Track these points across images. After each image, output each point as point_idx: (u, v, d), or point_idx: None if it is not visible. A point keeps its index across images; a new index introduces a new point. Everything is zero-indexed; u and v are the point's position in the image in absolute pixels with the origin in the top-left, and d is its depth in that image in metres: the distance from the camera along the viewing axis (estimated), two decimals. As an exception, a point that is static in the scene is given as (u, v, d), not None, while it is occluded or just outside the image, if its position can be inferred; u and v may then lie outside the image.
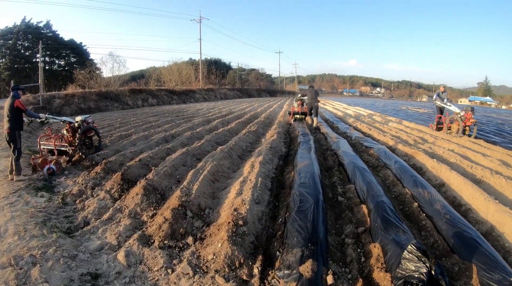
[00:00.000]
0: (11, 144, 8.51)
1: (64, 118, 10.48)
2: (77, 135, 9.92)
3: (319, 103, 19.39)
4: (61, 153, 10.00)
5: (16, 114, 8.49)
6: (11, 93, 8.62)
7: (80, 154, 9.98)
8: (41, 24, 62.25)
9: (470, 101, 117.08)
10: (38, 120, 9.37)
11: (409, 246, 3.85)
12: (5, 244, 4.86)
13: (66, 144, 10.12)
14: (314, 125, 17.87)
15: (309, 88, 19.75)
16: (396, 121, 21.74)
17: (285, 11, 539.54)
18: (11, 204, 6.58)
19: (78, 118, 10.38)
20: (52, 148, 9.73)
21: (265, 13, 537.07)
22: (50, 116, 9.67)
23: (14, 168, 8.37)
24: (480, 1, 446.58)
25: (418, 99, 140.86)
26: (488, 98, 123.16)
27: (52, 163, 9.00)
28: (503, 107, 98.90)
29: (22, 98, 8.74)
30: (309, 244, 4.40)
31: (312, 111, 18.61)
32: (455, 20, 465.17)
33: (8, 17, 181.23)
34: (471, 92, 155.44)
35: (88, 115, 10.96)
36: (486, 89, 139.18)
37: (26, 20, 60.79)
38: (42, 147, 9.85)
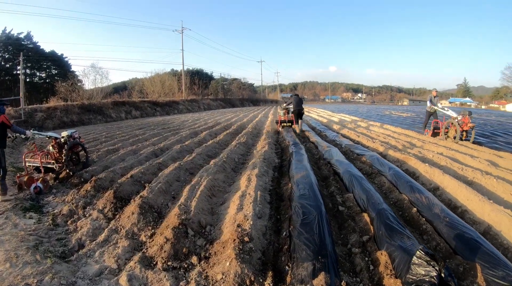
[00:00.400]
0: None
1: (49, 133, 10.18)
2: (64, 151, 9.60)
3: (304, 111, 20.83)
4: (47, 170, 9.55)
5: (0, 130, 8.24)
6: None
7: (68, 170, 9.67)
8: (21, 36, 62.08)
9: (450, 102, 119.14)
10: (23, 136, 9.03)
11: (418, 252, 3.94)
12: (-4, 273, 4.63)
13: (52, 161, 9.69)
14: (299, 129, 19.52)
15: (294, 96, 20.79)
16: (382, 127, 21.93)
17: (266, 20, 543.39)
18: None
19: (64, 133, 10.05)
20: (38, 165, 9.32)
21: (245, 22, 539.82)
22: (36, 131, 9.46)
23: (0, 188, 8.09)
24: (455, 4, 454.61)
25: (399, 103, 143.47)
26: (467, 99, 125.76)
27: (39, 181, 8.69)
28: (483, 107, 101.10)
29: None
30: (319, 257, 4.36)
31: (297, 118, 19.88)
32: (431, 23, 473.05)
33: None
34: (450, 94, 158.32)
35: (74, 130, 10.65)
36: (465, 90, 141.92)
37: (7, 31, 60.27)
38: (27, 164, 9.49)
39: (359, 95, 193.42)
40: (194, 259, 4.91)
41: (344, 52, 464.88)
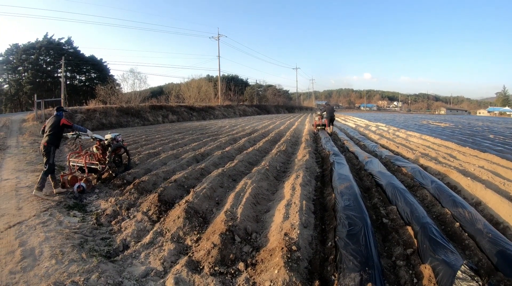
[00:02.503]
0: (44, 156, 8.67)
1: (95, 135, 10.34)
2: (107, 153, 9.84)
3: (335, 117, 26.48)
4: (90, 170, 9.82)
5: (57, 131, 8.87)
6: (55, 113, 9.09)
7: (110, 172, 9.97)
8: (62, 41, 64.60)
9: (489, 112, 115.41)
10: (71, 135, 9.57)
11: (462, 266, 4.00)
12: (42, 269, 4.77)
13: (96, 162, 10.04)
14: (330, 131, 24.29)
15: (327, 106, 27.12)
16: (421, 138, 21.41)
17: (300, 26, 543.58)
18: (43, 223, 6.51)
19: (108, 136, 10.30)
20: (82, 165, 9.61)
21: (280, 29, 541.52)
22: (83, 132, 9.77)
23: (38, 181, 8.45)
24: (493, 10, 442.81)
25: (436, 112, 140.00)
26: (507, 108, 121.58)
27: (82, 181, 9.02)
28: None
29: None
30: (366, 268, 4.40)
31: (330, 123, 24.65)
32: (469, 30, 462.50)
33: (31, 33, 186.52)
34: (489, 103, 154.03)
35: (117, 133, 10.85)
36: (504, 99, 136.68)
37: (48, 36, 62.85)
38: (71, 164, 9.79)
39: (395, 103, 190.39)
40: (241, 266, 4.93)
41: (378, 58, 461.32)
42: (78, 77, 67.79)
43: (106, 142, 10.22)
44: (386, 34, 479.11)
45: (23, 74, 61.10)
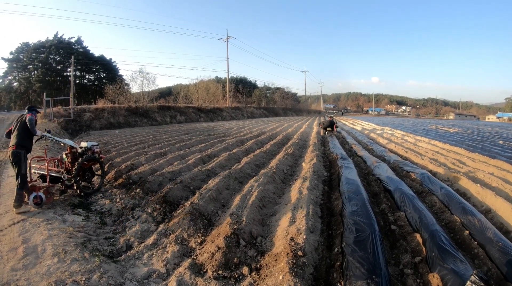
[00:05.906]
0: (14, 166, 7.32)
1: (65, 140, 8.93)
2: (76, 164, 8.35)
3: (335, 125, 28.88)
4: (53, 180, 8.32)
5: (27, 131, 7.53)
6: (26, 111, 7.74)
7: (75, 187, 8.35)
8: (72, 40, 65.20)
9: (498, 117, 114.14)
10: (35, 135, 7.86)
11: (472, 276, 3.91)
12: (44, 267, 4.76)
13: (62, 170, 8.55)
14: (335, 133, 26.89)
15: (327, 120, 30.30)
16: (430, 143, 21.25)
17: (308, 30, 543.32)
18: (47, 221, 6.51)
19: (83, 144, 9.01)
20: (44, 173, 8.13)
21: (289, 32, 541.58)
22: (49, 134, 8.30)
23: (14, 198, 7.18)
24: (503, 15, 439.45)
25: (445, 117, 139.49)
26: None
27: (42, 191, 7.57)
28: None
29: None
30: (373, 276, 4.30)
31: (328, 128, 27.54)
32: (479, 34, 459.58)
33: (41, 32, 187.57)
34: (498, 108, 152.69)
35: (96, 143, 9.47)
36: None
37: (58, 36, 63.52)
38: (33, 171, 8.43)
39: (403, 107, 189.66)
40: (245, 270, 4.85)
41: (386, 62, 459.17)
42: (87, 76, 68.44)
43: (79, 150, 8.90)
44: (394, 37, 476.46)
45: (33, 73, 61.74)
